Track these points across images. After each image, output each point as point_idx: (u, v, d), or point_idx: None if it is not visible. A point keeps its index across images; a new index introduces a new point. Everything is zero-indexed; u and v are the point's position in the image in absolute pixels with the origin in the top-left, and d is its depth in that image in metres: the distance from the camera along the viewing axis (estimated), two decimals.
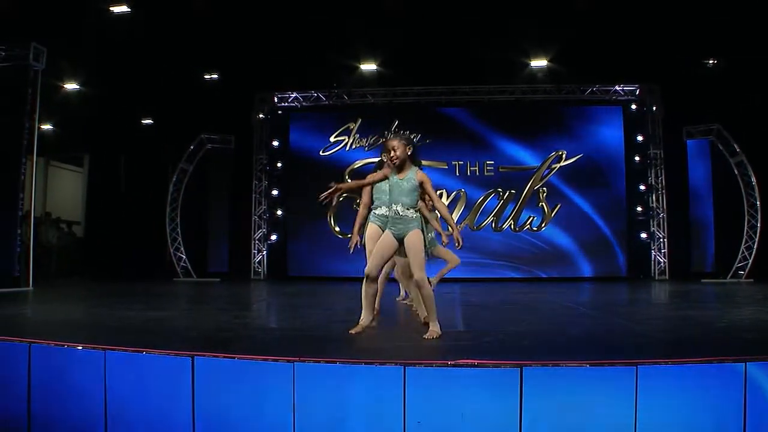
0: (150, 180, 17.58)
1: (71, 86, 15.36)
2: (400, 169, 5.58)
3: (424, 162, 16.41)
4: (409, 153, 5.57)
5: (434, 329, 5.44)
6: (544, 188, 16.18)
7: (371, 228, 6.54)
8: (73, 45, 13.11)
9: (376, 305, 7.62)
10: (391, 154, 5.54)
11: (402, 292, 9.12)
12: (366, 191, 6.77)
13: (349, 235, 15.92)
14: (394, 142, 5.56)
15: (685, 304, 9.34)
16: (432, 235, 7.07)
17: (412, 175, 5.55)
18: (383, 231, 5.82)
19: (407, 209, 5.50)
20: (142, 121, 17.84)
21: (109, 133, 17.42)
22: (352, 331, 5.67)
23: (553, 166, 16.19)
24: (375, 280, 5.71)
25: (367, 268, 5.64)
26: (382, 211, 6.30)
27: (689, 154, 15.73)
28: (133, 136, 17.69)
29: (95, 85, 15.23)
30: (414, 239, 5.46)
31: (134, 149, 17.96)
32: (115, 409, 4.35)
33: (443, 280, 9.02)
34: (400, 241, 5.54)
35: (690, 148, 15.74)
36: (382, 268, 5.92)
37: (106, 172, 18.65)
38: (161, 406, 4.27)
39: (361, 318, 5.78)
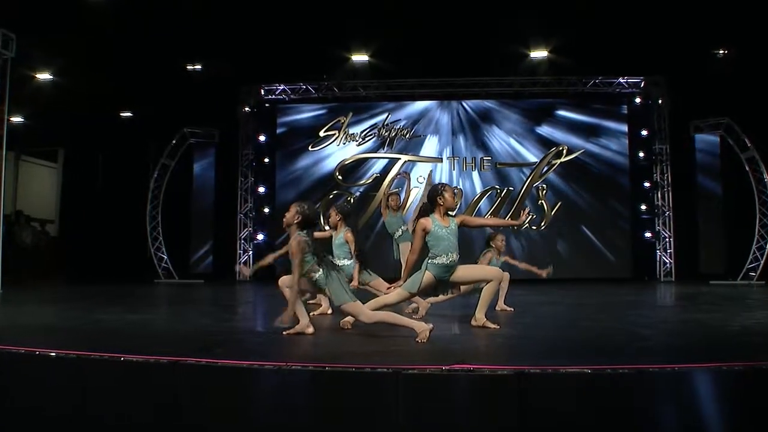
0: (129, 176, 17.50)
1: (44, 76, 15.26)
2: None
3: (418, 157, 16.51)
4: (296, 220, 5.78)
5: (422, 329, 5.49)
6: (544, 185, 16.22)
7: None
8: (47, 32, 13.02)
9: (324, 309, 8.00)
10: None
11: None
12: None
13: None
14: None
15: (693, 306, 9.36)
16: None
17: (292, 241, 5.78)
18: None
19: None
20: (121, 114, 17.75)
21: (85, 127, 17.31)
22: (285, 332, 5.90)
23: (553, 162, 16.23)
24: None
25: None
26: None
27: (697, 149, 15.75)
28: (112, 130, 17.58)
29: (70, 75, 15.11)
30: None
31: (112, 143, 17.86)
32: (92, 419, 4.32)
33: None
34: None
35: (698, 143, 15.77)
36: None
37: (82, 168, 18.56)
38: (141, 414, 4.24)
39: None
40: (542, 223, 16.12)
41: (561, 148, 16.27)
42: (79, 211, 18.13)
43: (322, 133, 16.82)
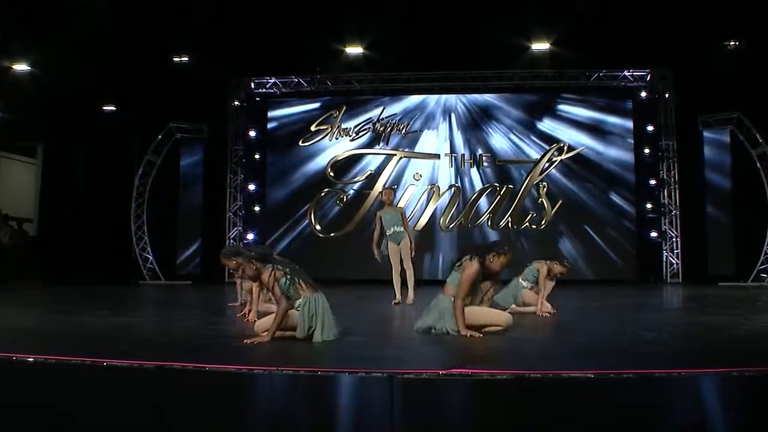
0: (113, 173, 17.45)
1: (22, 67, 15.19)
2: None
3: (415, 153, 16.51)
4: (254, 268, 5.89)
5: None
6: (545, 183, 16.21)
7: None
8: (25, 21, 12.94)
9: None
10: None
11: (398, 296, 9.60)
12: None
13: (333, 234, 15.92)
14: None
15: (701, 309, 9.37)
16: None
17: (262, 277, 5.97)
18: None
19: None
20: (104, 108, 17.69)
21: (66, 121, 17.23)
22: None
23: (555, 158, 16.21)
24: None
25: None
26: None
27: (705, 145, 15.76)
28: (94, 124, 17.53)
29: (51, 65, 15.04)
30: None
31: (95, 139, 17.79)
32: (72, 428, 4.30)
33: (438, 282, 9.04)
34: None
35: (706, 138, 15.79)
36: None
37: (63, 164, 18.48)
38: (124, 422, 4.23)
39: None
40: (543, 222, 16.12)
41: (563, 145, 16.27)
42: (60, 209, 18.06)
43: (313, 128, 16.80)
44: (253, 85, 17.09)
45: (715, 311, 8.71)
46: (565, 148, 16.24)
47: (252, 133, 17.06)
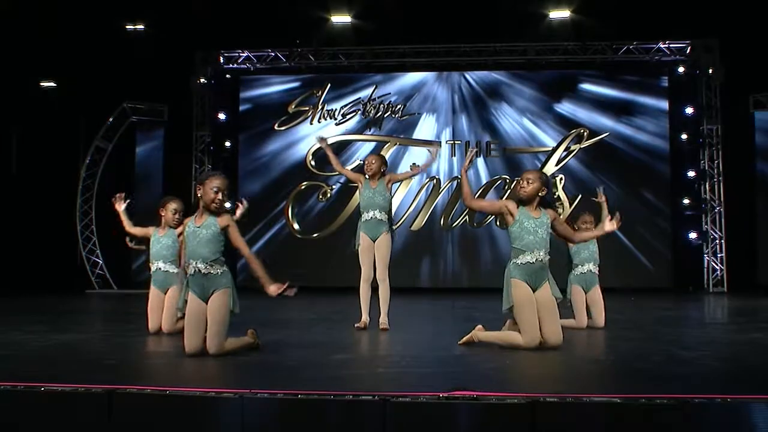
0: (54, 162, 17.35)
1: None
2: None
3: (412, 140, 16.52)
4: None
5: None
6: (562, 175, 16.23)
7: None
8: None
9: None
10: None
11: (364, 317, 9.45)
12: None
13: (315, 235, 15.86)
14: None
15: (751, 324, 9.38)
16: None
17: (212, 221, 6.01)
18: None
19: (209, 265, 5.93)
20: (42, 84, 17.58)
21: None
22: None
23: (575, 146, 16.21)
24: None
25: None
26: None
27: (757, 129, 15.78)
28: (29, 103, 17.40)
29: None
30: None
31: (30, 120, 17.67)
32: None
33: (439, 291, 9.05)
34: None
35: (758, 121, 15.81)
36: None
37: None
38: None
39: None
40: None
41: (584, 130, 16.28)
42: None
43: (291, 109, 16.77)
44: (222, 60, 17.07)
45: None
46: (586, 134, 16.25)
47: (221, 116, 17.02)
